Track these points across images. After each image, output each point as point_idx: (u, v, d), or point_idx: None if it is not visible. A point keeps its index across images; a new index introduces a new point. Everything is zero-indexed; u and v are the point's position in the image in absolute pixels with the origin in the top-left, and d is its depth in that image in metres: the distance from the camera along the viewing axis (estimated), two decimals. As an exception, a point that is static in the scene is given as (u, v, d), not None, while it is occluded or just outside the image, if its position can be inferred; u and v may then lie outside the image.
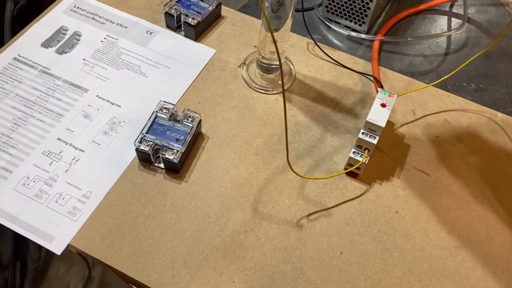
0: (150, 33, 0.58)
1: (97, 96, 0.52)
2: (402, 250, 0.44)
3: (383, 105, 0.46)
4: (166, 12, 0.56)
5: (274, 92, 0.54)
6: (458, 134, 0.52)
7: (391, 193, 0.47)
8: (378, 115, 0.45)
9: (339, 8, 0.60)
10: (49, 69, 0.53)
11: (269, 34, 0.48)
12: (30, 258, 1.01)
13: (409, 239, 0.45)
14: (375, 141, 0.45)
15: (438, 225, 0.46)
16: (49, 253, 1.05)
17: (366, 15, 0.58)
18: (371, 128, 0.45)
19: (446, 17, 0.66)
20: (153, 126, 0.47)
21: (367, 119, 0.44)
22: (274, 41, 0.35)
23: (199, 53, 0.56)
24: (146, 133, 0.46)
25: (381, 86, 0.54)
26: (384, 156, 0.50)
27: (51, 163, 0.46)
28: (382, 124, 0.44)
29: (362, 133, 0.45)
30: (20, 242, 0.97)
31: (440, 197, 0.48)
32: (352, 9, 0.59)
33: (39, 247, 1.02)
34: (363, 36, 0.60)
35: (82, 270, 1.05)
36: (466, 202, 0.47)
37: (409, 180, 0.49)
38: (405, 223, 0.46)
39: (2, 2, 0.68)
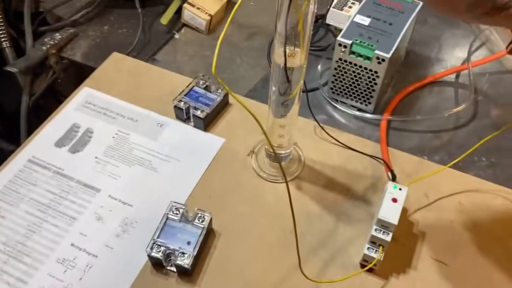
0: (161, 125, 0.59)
1: (109, 196, 0.52)
2: None
3: (395, 200, 0.45)
4: (175, 106, 0.58)
5: (284, 181, 0.54)
6: (474, 217, 0.51)
7: (409, 287, 0.46)
8: (389, 212, 0.44)
9: (345, 89, 0.61)
10: (63, 170, 0.54)
11: (277, 122, 0.49)
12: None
13: None
14: (388, 238, 0.44)
15: (460, 322, 0.44)
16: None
17: (371, 96, 0.59)
18: (384, 225, 0.44)
19: (453, 88, 0.66)
20: (164, 229, 0.47)
21: (379, 217, 0.44)
22: (272, 147, 0.35)
23: (208, 143, 0.57)
24: (158, 237, 0.46)
25: (391, 171, 0.53)
26: (399, 246, 0.49)
27: (65, 271, 0.47)
28: (395, 221, 0.44)
29: (375, 229, 0.45)
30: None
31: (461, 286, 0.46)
32: (358, 90, 0.60)
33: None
34: (369, 116, 0.60)
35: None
36: (488, 294, 0.46)
37: (427, 271, 0.47)
38: (426, 321, 0.44)
39: (18, 95, 0.71)
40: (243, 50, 0.72)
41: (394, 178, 0.53)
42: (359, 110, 0.61)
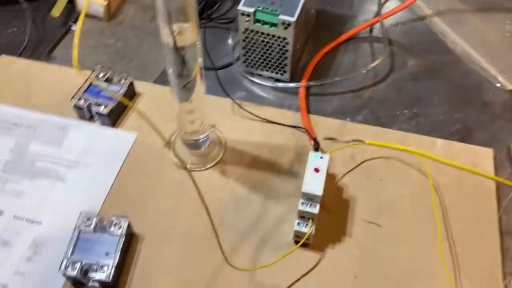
0: (63, 129, 0.53)
1: (14, 216, 0.47)
2: (368, 319, 0.41)
3: (317, 170, 0.43)
4: (75, 105, 0.52)
5: (207, 167, 0.51)
6: (402, 173, 0.51)
7: (346, 256, 0.45)
8: (313, 183, 0.42)
9: (257, 60, 0.57)
10: (-45, 197, 0.48)
11: (183, 104, 0.45)
12: None
13: (374, 305, 0.42)
14: (316, 210, 0.42)
15: (400, 280, 0.43)
16: None
17: (285, 64, 0.56)
18: (309, 197, 0.42)
19: (368, 43, 0.65)
20: (78, 244, 0.43)
21: (302, 190, 0.42)
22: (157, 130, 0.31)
23: (119, 140, 0.53)
24: (71, 254, 0.42)
25: (314, 139, 0.51)
26: (331, 215, 0.47)
27: (-28, 310, 0.41)
28: (319, 192, 0.41)
29: (302, 203, 0.43)
30: None
31: (396, 247, 0.45)
32: (270, 60, 0.57)
33: None
34: (289, 85, 0.58)
35: None
36: (423, 248, 0.45)
37: (362, 235, 0.46)
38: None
39: None
40: (150, 33, 0.67)
41: (317, 147, 0.51)
42: (277, 80, 0.58)
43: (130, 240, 0.45)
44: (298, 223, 0.44)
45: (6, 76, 0.59)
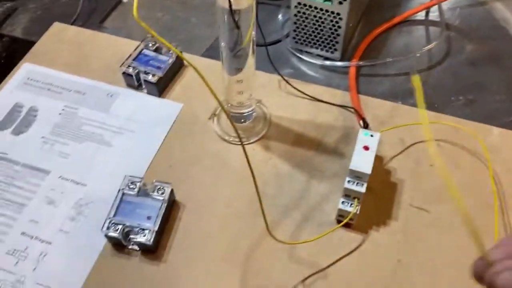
0: (111, 96, 0.54)
1: (60, 177, 0.48)
2: (412, 305, 0.40)
3: (366, 148, 0.41)
4: (124, 73, 0.53)
5: (250, 142, 0.50)
6: (454, 159, 0.48)
7: (390, 239, 0.43)
8: (362, 161, 0.41)
9: (308, 37, 0.56)
10: (6, 154, 0.49)
11: (234, 78, 0.44)
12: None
13: (418, 292, 0.40)
14: (363, 189, 0.41)
15: (445, 269, 0.41)
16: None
17: (337, 42, 0.54)
18: (357, 175, 0.41)
19: (423, 26, 0.62)
20: (121, 206, 0.43)
21: (350, 167, 0.40)
22: (214, 95, 0.31)
23: (165, 110, 0.53)
24: (114, 216, 0.42)
25: (363, 119, 0.50)
26: (377, 198, 0.46)
27: (17, 262, 0.42)
28: (368, 170, 0.40)
29: (348, 181, 0.41)
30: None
31: (443, 235, 0.43)
32: (321, 37, 0.55)
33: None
34: (337, 64, 0.56)
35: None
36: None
37: (408, 220, 0.44)
38: (410, 272, 0.41)
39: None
40: (197, 8, 0.66)
41: (366, 127, 0.49)
42: (326, 59, 0.57)
43: (172, 207, 0.45)
44: (343, 202, 0.42)
45: (58, 43, 0.60)
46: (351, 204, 0.42)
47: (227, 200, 0.46)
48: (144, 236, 0.41)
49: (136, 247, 0.43)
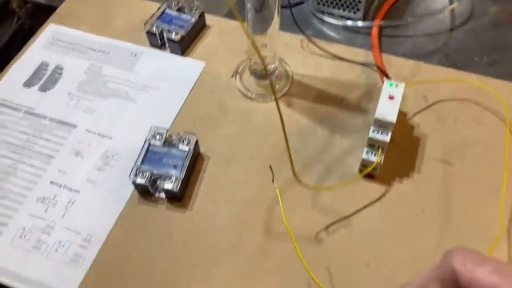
0: (134, 55, 0.55)
1: (87, 130, 0.49)
2: (436, 251, 0.40)
3: (391, 98, 0.42)
4: (148, 31, 0.53)
5: (272, 99, 0.51)
6: (477, 115, 0.48)
7: (414, 190, 0.43)
8: (387, 110, 0.41)
9: (329, -2, 0.56)
10: (34, 109, 0.50)
11: (258, 38, 0.45)
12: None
13: (441, 241, 0.40)
14: (387, 138, 0.41)
15: (470, 219, 0.41)
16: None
17: (359, 1, 0.54)
18: (381, 124, 0.41)
19: (446, -12, 0.61)
20: (148, 155, 0.44)
21: (376, 116, 0.40)
22: (255, 48, 0.31)
23: (188, 68, 0.53)
24: (141, 164, 0.43)
25: (386, 75, 0.50)
26: (400, 150, 0.46)
27: (47, 209, 0.44)
28: (393, 119, 0.40)
29: (373, 131, 0.41)
30: None
31: (468, 186, 0.43)
32: (343, -3, 0.55)
33: None
34: (359, 24, 0.56)
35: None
36: (489, 191, 0.43)
37: (431, 172, 0.44)
38: (434, 222, 0.42)
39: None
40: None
41: (389, 81, 0.49)
42: (348, 19, 0.57)
43: (196, 159, 0.46)
44: (367, 152, 0.42)
45: (82, 4, 0.60)
46: (375, 154, 0.42)
47: (251, 153, 0.47)
48: (171, 183, 0.42)
49: (162, 195, 0.44)
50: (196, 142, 0.45)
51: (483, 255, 0.21)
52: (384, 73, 0.50)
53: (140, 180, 0.42)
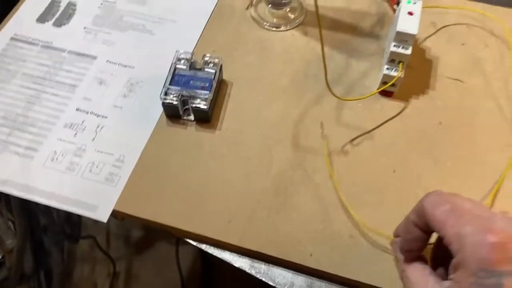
0: (148, -10, 0.55)
1: (108, 61, 0.49)
2: (454, 158, 0.43)
3: (410, 13, 0.43)
4: (161, -35, 0.53)
5: (288, 28, 0.52)
6: (485, 38, 0.51)
7: (430, 105, 0.46)
8: (407, 24, 0.43)
9: None
10: (51, 43, 0.50)
11: None
12: (54, 262, 0.98)
13: (459, 147, 0.43)
14: (409, 51, 0.43)
15: (484, 129, 0.44)
16: (71, 256, 1.03)
17: None
18: (403, 38, 0.43)
19: None
20: (175, 78, 0.45)
21: (397, 30, 0.42)
22: None
23: (201, 1, 0.54)
24: (170, 85, 0.44)
25: (397, 3, 0.52)
26: (415, 72, 0.48)
27: (76, 134, 0.44)
28: (414, 31, 0.42)
29: (394, 45, 0.43)
30: (40, 252, 0.94)
31: (479, 100, 0.46)
32: None
33: (61, 250, 1.00)
34: (366, -42, 0.57)
35: (107, 268, 1.02)
36: (504, 104, 0.46)
37: (445, 89, 0.47)
38: (451, 132, 0.44)
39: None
40: None
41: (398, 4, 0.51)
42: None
43: (221, 84, 0.47)
44: (387, 68, 0.44)
45: None
46: (395, 69, 0.44)
47: (272, 79, 0.48)
48: (202, 101, 0.43)
49: (191, 117, 0.45)
50: (221, 66, 0.46)
51: (451, 197, 0.29)
52: (394, 1, 0.52)
53: (170, 100, 0.43)
